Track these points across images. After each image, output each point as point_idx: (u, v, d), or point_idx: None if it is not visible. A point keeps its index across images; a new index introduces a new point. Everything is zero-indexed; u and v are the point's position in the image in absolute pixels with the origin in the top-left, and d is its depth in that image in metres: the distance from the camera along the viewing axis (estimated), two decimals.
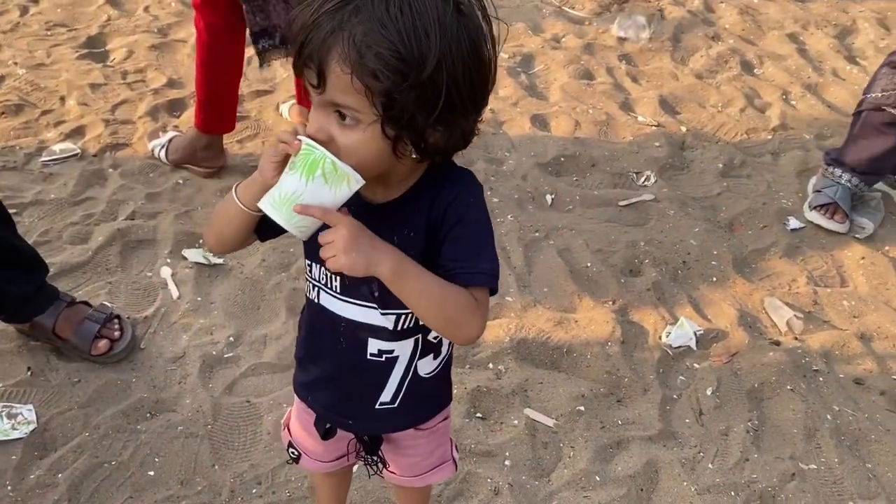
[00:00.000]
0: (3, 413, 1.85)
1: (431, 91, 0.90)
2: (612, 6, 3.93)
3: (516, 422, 1.93)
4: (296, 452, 1.37)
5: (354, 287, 1.08)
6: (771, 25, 3.88)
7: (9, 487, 1.72)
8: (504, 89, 3.24)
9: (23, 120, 2.89)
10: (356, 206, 0.99)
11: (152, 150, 2.73)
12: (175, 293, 2.22)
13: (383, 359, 1.13)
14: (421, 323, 1.08)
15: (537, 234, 2.52)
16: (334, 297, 1.10)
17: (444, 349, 1.19)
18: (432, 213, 1.01)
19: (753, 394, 2.05)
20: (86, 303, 2.06)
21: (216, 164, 2.65)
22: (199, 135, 2.62)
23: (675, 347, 2.16)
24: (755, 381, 2.07)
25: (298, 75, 0.95)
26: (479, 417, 1.93)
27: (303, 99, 2.80)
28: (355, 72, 0.88)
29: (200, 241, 2.39)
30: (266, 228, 1.07)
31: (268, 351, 2.07)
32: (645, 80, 3.40)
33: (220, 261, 2.33)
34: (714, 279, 2.40)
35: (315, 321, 1.17)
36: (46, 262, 2.16)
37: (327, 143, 0.94)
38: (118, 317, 2.05)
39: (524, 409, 1.95)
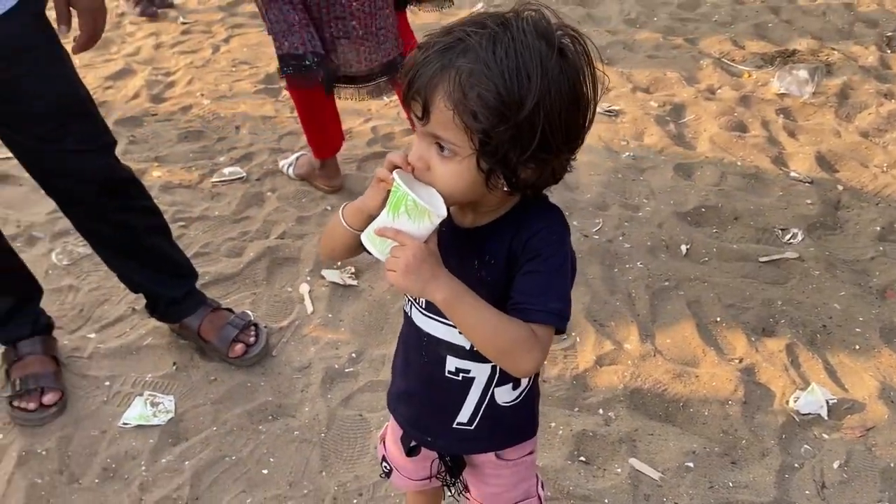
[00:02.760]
0: (148, 401, 2.06)
1: (527, 131, 0.95)
2: (776, 59, 3.80)
3: (619, 470, 1.89)
4: (388, 467, 1.43)
5: None
6: None
7: (143, 467, 1.91)
8: (649, 137, 3.22)
9: (202, 144, 3.23)
10: (446, 228, 1.06)
11: (282, 168, 3.02)
12: (310, 308, 2.38)
13: (460, 378, 1.16)
14: None
15: (667, 283, 2.46)
16: (421, 312, 1.16)
17: (525, 380, 1.20)
18: (513, 245, 1.05)
19: (888, 473, 1.88)
20: (229, 309, 2.26)
21: (332, 184, 2.91)
22: (315, 157, 2.89)
23: (804, 414, 2.03)
24: (891, 460, 1.90)
25: (406, 107, 1.04)
26: (581, 461, 1.91)
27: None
28: (457, 109, 0.95)
29: (339, 263, 2.55)
30: None
31: (385, 370, 2.16)
32: (803, 135, 3.25)
33: (354, 282, 2.47)
34: (857, 347, 2.23)
35: (407, 334, 1.24)
36: (204, 271, 2.40)
37: (425, 171, 1.02)
38: (256, 324, 2.23)
39: (630, 458, 1.91)
